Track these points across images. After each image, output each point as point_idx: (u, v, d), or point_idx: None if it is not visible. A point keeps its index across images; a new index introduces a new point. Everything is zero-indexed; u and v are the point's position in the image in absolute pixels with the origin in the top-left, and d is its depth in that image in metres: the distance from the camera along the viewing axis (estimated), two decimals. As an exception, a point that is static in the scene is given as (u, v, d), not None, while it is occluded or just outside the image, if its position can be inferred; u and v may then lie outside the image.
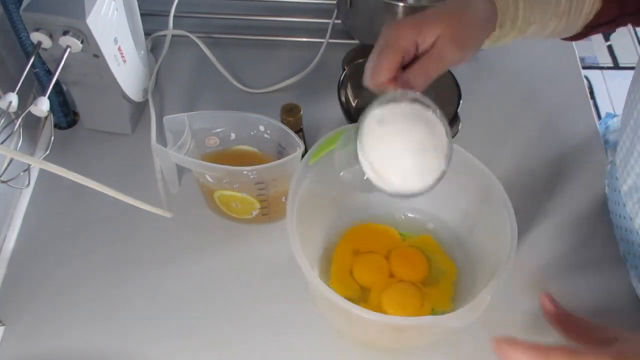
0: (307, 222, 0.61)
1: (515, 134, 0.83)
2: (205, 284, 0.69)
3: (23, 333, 0.65)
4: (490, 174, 0.61)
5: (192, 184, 0.75)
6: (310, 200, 0.61)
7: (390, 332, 0.60)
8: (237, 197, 0.68)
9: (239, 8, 0.96)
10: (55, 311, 0.67)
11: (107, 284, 0.69)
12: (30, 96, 0.78)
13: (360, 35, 0.91)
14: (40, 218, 0.74)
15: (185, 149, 0.67)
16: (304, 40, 0.92)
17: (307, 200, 0.61)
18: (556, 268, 0.70)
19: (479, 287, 0.62)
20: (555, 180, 0.78)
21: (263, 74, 0.88)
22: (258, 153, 0.72)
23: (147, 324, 0.66)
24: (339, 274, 0.66)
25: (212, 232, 0.73)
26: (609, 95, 2.07)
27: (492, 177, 0.61)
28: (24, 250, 0.71)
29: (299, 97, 0.82)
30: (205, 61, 0.87)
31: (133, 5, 0.76)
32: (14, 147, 0.64)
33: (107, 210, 0.73)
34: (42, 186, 0.77)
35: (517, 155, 0.80)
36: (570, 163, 0.79)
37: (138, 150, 0.79)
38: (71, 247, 0.71)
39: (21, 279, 0.69)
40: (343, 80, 0.79)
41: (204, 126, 0.69)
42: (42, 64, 0.73)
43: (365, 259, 0.67)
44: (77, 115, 0.83)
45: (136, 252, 0.71)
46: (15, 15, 0.68)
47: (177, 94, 0.86)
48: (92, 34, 0.64)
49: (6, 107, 0.59)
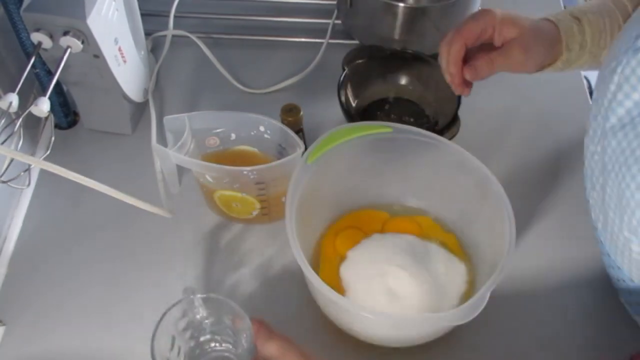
0: (307, 220, 0.62)
1: (515, 134, 0.83)
2: (205, 283, 0.69)
3: (23, 333, 0.65)
4: (488, 171, 0.61)
5: (192, 184, 0.75)
6: (310, 198, 0.62)
7: (389, 327, 0.60)
8: (237, 197, 0.69)
9: (239, 8, 0.96)
10: (55, 311, 0.67)
11: (107, 284, 0.69)
12: (31, 96, 0.78)
13: (360, 35, 0.91)
14: (41, 218, 0.74)
15: (186, 149, 0.67)
16: (304, 41, 0.93)
17: (307, 199, 0.61)
18: (555, 266, 0.70)
19: (478, 284, 0.62)
20: (555, 180, 0.78)
21: (263, 74, 0.88)
22: (258, 153, 0.72)
23: (147, 323, 0.66)
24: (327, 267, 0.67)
25: (212, 232, 0.73)
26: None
27: (489, 175, 0.61)
28: (25, 250, 0.71)
29: (299, 97, 0.83)
30: (205, 61, 0.87)
31: (133, 6, 0.76)
32: (15, 148, 0.64)
33: (107, 210, 0.73)
34: (42, 186, 0.77)
35: (516, 155, 0.80)
36: (570, 163, 0.79)
37: (138, 151, 0.79)
38: (71, 247, 0.72)
39: (21, 279, 0.69)
40: (343, 80, 0.79)
41: (204, 126, 0.69)
42: (42, 64, 0.73)
43: (344, 233, 0.68)
44: (77, 115, 0.83)
45: (136, 252, 0.71)
46: (15, 15, 0.68)
47: (177, 94, 0.86)
48: (93, 34, 0.64)
49: (7, 108, 0.59)
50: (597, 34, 0.65)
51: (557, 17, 0.66)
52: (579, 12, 0.66)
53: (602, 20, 0.65)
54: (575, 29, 0.64)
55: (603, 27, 0.65)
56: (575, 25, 0.65)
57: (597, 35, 0.65)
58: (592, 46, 0.65)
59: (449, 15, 0.86)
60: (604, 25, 0.65)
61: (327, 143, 0.62)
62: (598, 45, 0.65)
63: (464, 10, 0.87)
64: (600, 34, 0.65)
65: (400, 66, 0.83)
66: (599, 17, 0.65)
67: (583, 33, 0.65)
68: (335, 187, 0.67)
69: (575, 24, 0.65)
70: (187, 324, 0.59)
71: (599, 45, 0.65)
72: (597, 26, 0.65)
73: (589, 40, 0.65)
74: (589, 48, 0.65)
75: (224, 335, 0.61)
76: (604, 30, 0.65)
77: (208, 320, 0.59)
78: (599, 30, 0.65)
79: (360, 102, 0.83)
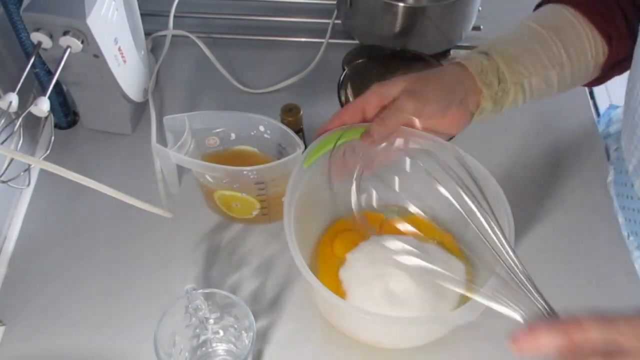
0: (305, 223, 0.61)
1: (514, 133, 0.83)
2: (205, 283, 0.69)
3: (23, 333, 0.65)
4: (486, 171, 0.61)
5: (192, 184, 0.75)
6: (308, 201, 0.61)
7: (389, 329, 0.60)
8: (237, 197, 0.68)
9: (239, 8, 0.96)
10: (55, 311, 0.67)
11: (107, 284, 0.69)
12: (31, 96, 0.78)
13: (360, 35, 0.91)
14: (41, 218, 0.74)
15: (186, 149, 0.67)
16: (304, 41, 0.93)
17: (304, 202, 0.61)
18: (555, 264, 0.70)
19: (478, 285, 0.62)
20: (554, 178, 0.78)
21: (263, 74, 0.88)
22: (258, 153, 0.72)
23: (147, 323, 0.66)
24: (326, 270, 0.66)
25: (212, 232, 0.73)
26: (609, 95, 2.07)
27: (488, 175, 0.60)
28: (24, 250, 0.71)
29: (299, 97, 0.83)
30: (205, 61, 0.87)
31: (133, 6, 0.76)
32: (14, 147, 0.64)
33: (107, 210, 0.73)
34: (42, 186, 0.77)
35: (516, 153, 0.80)
36: (570, 161, 0.80)
37: (138, 151, 0.79)
38: (71, 247, 0.71)
39: (21, 279, 0.69)
40: (343, 80, 0.79)
41: (204, 126, 0.69)
42: (42, 64, 0.73)
43: (341, 235, 0.68)
44: (77, 115, 0.83)
45: (136, 252, 0.71)
46: (15, 15, 0.68)
47: (177, 94, 0.86)
48: (92, 34, 0.64)
49: (6, 107, 0.59)
50: (513, 62, 0.62)
51: (464, 57, 0.64)
52: (486, 47, 0.63)
53: (526, 45, 0.63)
54: (486, 63, 0.62)
55: (531, 51, 0.63)
56: (484, 60, 0.62)
57: (514, 63, 0.62)
58: (513, 75, 0.62)
59: (449, 15, 0.86)
60: (532, 49, 0.63)
61: (323, 146, 0.62)
62: (524, 71, 0.62)
63: (464, 10, 0.87)
64: (516, 60, 0.62)
65: (400, 66, 0.83)
66: (519, 43, 0.63)
67: (496, 65, 0.62)
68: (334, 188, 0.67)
69: (484, 58, 0.62)
70: (190, 321, 0.59)
71: (523, 74, 0.62)
72: (510, 55, 0.62)
73: (505, 72, 0.62)
74: (511, 79, 0.62)
75: (227, 334, 0.61)
76: (535, 52, 0.63)
77: (211, 317, 0.59)
78: (513, 58, 0.62)
79: (360, 102, 0.83)
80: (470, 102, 0.62)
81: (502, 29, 0.70)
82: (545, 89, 0.65)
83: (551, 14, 0.66)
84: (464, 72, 0.62)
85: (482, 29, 0.93)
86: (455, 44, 0.91)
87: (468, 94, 0.61)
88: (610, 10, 0.64)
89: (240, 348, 0.61)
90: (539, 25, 0.64)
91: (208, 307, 0.58)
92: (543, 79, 0.64)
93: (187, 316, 0.58)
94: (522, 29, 0.65)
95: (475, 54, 0.63)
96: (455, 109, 0.61)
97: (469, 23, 0.90)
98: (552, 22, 0.65)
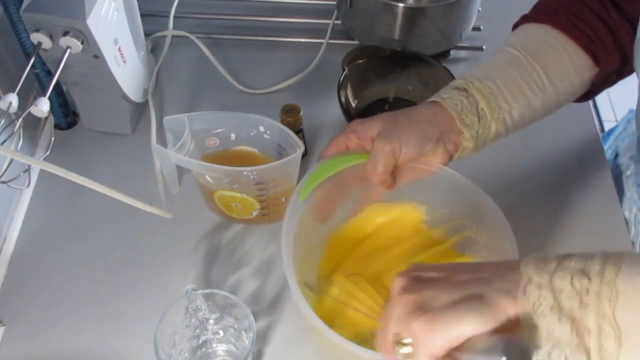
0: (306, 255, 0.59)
1: (514, 137, 0.82)
2: (205, 283, 0.69)
3: (23, 333, 0.65)
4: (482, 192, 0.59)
5: (192, 185, 0.75)
6: (306, 234, 0.59)
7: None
8: (237, 197, 0.69)
9: (239, 8, 0.96)
10: (55, 311, 0.67)
11: (107, 284, 0.69)
12: (31, 97, 0.78)
13: (360, 35, 0.91)
14: (41, 218, 0.74)
15: (186, 149, 0.67)
16: (304, 41, 0.93)
17: (302, 235, 0.58)
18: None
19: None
20: (555, 183, 0.78)
21: (263, 75, 0.88)
22: (258, 154, 0.72)
23: (147, 323, 0.66)
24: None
25: (212, 232, 0.73)
26: (610, 99, 2.07)
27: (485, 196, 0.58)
28: (24, 250, 0.72)
29: (299, 97, 0.82)
30: (205, 61, 0.87)
31: (133, 6, 0.76)
32: (14, 148, 0.64)
33: (107, 210, 0.73)
34: (42, 187, 0.77)
35: (516, 158, 0.79)
36: (571, 165, 0.79)
37: (138, 151, 0.79)
38: (71, 247, 0.72)
39: (21, 279, 0.69)
40: (343, 80, 0.79)
41: (204, 127, 0.69)
42: (42, 64, 0.73)
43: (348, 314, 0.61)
44: (77, 115, 0.83)
45: (136, 252, 0.71)
46: (15, 15, 0.68)
47: (177, 95, 0.86)
48: (92, 35, 0.64)
49: (6, 108, 0.59)
50: (492, 98, 0.60)
51: (441, 94, 0.61)
52: (464, 83, 0.61)
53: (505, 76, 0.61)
54: (465, 102, 0.59)
55: (511, 81, 0.60)
56: (463, 99, 0.59)
57: (494, 98, 0.60)
58: (493, 112, 0.60)
59: (449, 15, 0.86)
60: (512, 79, 0.61)
61: (317, 177, 0.59)
62: (504, 106, 0.60)
63: (464, 11, 0.87)
64: (495, 95, 0.60)
65: (400, 66, 0.83)
66: (498, 74, 0.61)
67: (475, 103, 0.59)
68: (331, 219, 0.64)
69: (463, 96, 0.59)
70: (190, 322, 0.59)
71: (502, 107, 0.60)
72: (489, 89, 0.60)
73: (485, 109, 0.59)
74: (491, 116, 0.60)
75: (227, 335, 0.61)
76: (515, 82, 0.61)
77: (211, 318, 0.59)
78: (492, 93, 0.60)
79: (360, 102, 0.83)
80: (447, 141, 0.59)
81: (502, 29, 0.70)
82: (529, 116, 0.63)
83: (529, 37, 0.64)
84: (439, 111, 0.59)
85: (482, 29, 0.93)
86: (455, 44, 0.91)
87: (444, 134, 0.59)
88: (590, 24, 0.62)
89: (240, 348, 0.61)
90: (517, 50, 0.62)
91: (208, 308, 0.58)
92: (526, 108, 0.62)
93: (187, 316, 0.58)
94: (500, 57, 0.63)
95: (453, 90, 0.61)
96: (431, 150, 0.59)
97: (469, 23, 0.90)
98: (531, 45, 0.62)
